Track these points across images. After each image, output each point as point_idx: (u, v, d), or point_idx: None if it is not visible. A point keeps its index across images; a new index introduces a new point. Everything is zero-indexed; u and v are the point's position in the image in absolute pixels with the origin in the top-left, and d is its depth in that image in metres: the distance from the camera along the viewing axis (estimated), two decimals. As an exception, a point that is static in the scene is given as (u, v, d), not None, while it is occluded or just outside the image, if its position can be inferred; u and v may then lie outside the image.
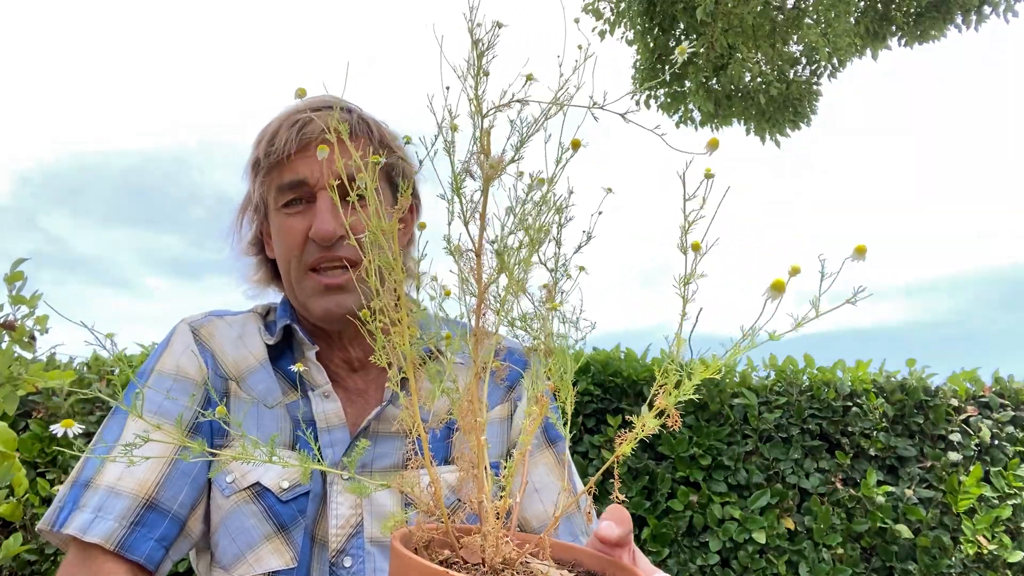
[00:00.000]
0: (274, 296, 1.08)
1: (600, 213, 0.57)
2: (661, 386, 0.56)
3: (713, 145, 0.52)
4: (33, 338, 1.48)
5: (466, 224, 0.55)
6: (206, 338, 0.97)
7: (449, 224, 0.56)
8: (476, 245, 0.56)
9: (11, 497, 1.82)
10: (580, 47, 0.52)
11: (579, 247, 0.58)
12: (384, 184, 0.97)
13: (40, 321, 1.49)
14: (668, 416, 0.55)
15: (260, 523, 0.87)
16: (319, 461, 0.88)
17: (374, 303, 0.58)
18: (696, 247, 0.53)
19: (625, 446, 0.56)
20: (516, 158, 0.55)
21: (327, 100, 0.95)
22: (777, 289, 0.51)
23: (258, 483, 0.88)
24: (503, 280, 0.58)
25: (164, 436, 0.86)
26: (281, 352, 0.99)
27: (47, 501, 2.65)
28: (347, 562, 0.88)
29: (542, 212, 0.57)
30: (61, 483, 2.67)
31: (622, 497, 0.57)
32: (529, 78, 0.53)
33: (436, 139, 0.55)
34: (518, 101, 0.53)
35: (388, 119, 1.02)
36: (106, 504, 0.83)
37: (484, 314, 0.57)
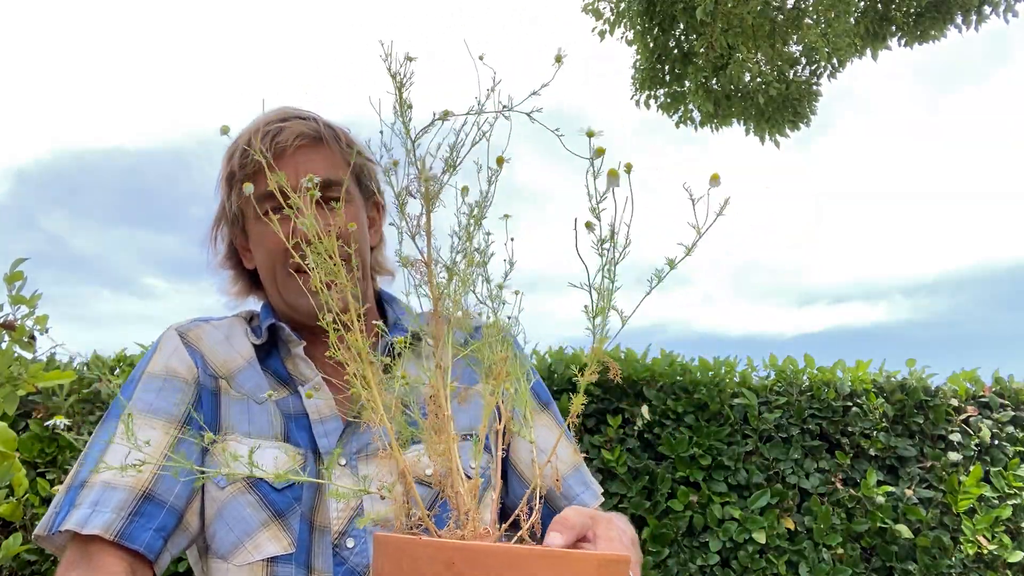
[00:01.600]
0: (253, 305, 1.10)
1: (512, 239, 0.63)
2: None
3: (613, 176, 0.57)
4: (33, 338, 1.48)
5: (412, 238, 0.62)
6: (194, 340, 0.99)
7: (400, 241, 0.63)
8: (426, 257, 0.62)
9: (11, 497, 1.82)
10: (493, 78, 0.59)
11: (506, 275, 0.64)
12: (355, 187, 1.01)
13: (40, 321, 1.49)
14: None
15: (256, 511, 0.89)
16: (316, 451, 0.91)
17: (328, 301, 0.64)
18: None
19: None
20: (449, 175, 0.62)
21: (291, 111, 0.99)
22: (612, 176, 0.57)
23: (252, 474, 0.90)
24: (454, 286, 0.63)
25: (158, 429, 0.89)
26: (268, 352, 1.01)
27: (47, 501, 2.65)
28: (350, 543, 0.90)
29: (477, 232, 0.64)
30: (61, 483, 2.67)
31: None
32: (445, 115, 0.60)
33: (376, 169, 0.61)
34: (440, 119, 0.60)
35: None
36: (103, 498, 0.84)
37: (440, 319, 0.62)
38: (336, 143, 0.99)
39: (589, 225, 0.60)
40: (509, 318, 0.68)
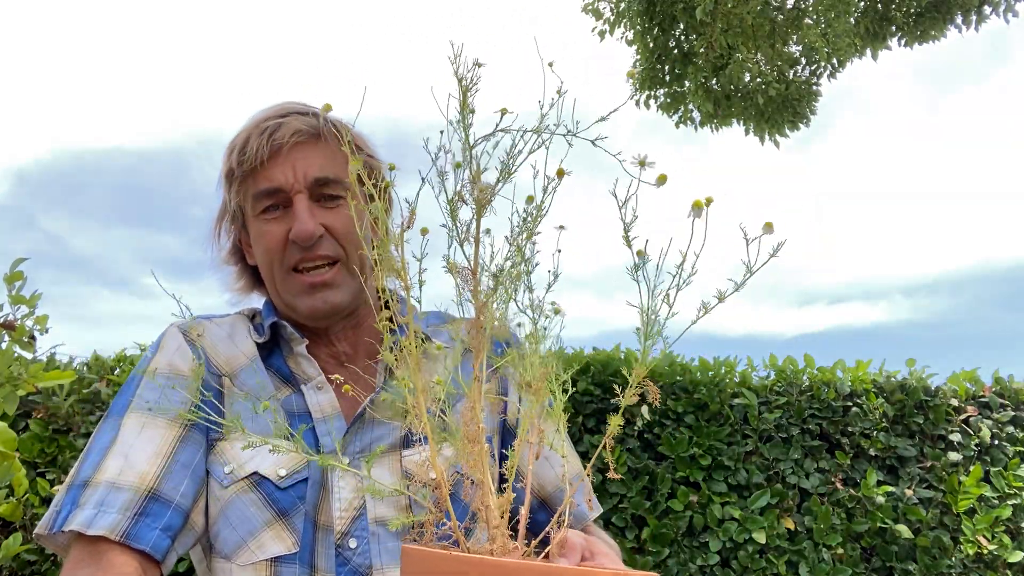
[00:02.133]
0: (257, 301, 1.09)
1: (559, 251, 0.63)
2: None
3: (697, 207, 0.56)
4: (33, 338, 1.48)
5: (461, 245, 0.61)
6: (197, 338, 0.99)
7: (449, 247, 0.62)
8: (472, 264, 0.61)
9: (11, 497, 1.82)
10: (558, 91, 0.58)
11: (549, 286, 0.64)
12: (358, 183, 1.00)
13: (40, 321, 1.49)
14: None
15: (260, 510, 0.88)
16: (319, 450, 0.92)
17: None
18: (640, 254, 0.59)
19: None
20: (502, 184, 0.61)
21: (291, 106, 0.98)
22: (697, 208, 0.56)
23: (256, 472, 0.89)
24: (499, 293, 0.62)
25: (161, 427, 0.88)
26: (270, 351, 1.01)
27: (47, 501, 2.65)
28: (352, 543, 0.89)
29: (528, 241, 0.63)
30: (61, 483, 2.67)
31: (619, 476, 0.60)
32: (503, 112, 0.59)
33: (430, 169, 0.61)
34: (502, 131, 0.59)
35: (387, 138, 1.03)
36: (108, 499, 0.83)
37: (480, 328, 0.62)
38: (335, 139, 0.98)
39: (641, 254, 0.59)
40: (546, 328, 0.67)
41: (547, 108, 0.58)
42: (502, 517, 0.57)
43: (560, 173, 0.60)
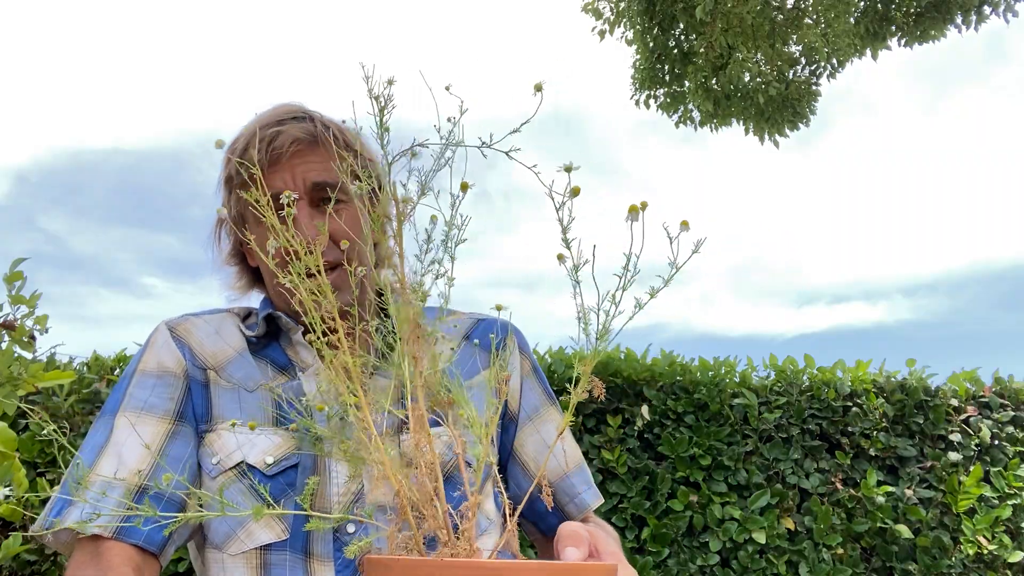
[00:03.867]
0: (255, 300, 1.11)
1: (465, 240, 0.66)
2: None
3: (633, 212, 0.59)
4: (33, 338, 1.48)
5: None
6: (183, 334, 1.00)
7: (376, 265, 0.67)
8: (400, 279, 0.66)
9: (11, 497, 1.82)
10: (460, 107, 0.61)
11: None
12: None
13: (40, 321, 1.49)
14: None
15: (248, 500, 0.89)
16: (317, 435, 0.92)
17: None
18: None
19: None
20: (417, 200, 0.65)
21: (290, 110, 0.99)
22: (633, 212, 0.58)
23: (243, 462, 0.91)
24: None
25: (152, 424, 0.90)
26: (267, 343, 1.02)
27: (47, 501, 2.65)
28: (350, 528, 0.90)
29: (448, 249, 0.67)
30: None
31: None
32: (414, 150, 0.64)
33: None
34: (420, 145, 0.62)
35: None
36: (101, 497, 0.85)
37: (417, 342, 0.65)
38: (335, 143, 0.98)
39: (561, 257, 0.62)
40: (501, 310, 0.70)
41: (459, 118, 0.62)
42: (471, 519, 0.57)
43: (464, 187, 0.63)
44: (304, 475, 0.91)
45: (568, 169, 0.60)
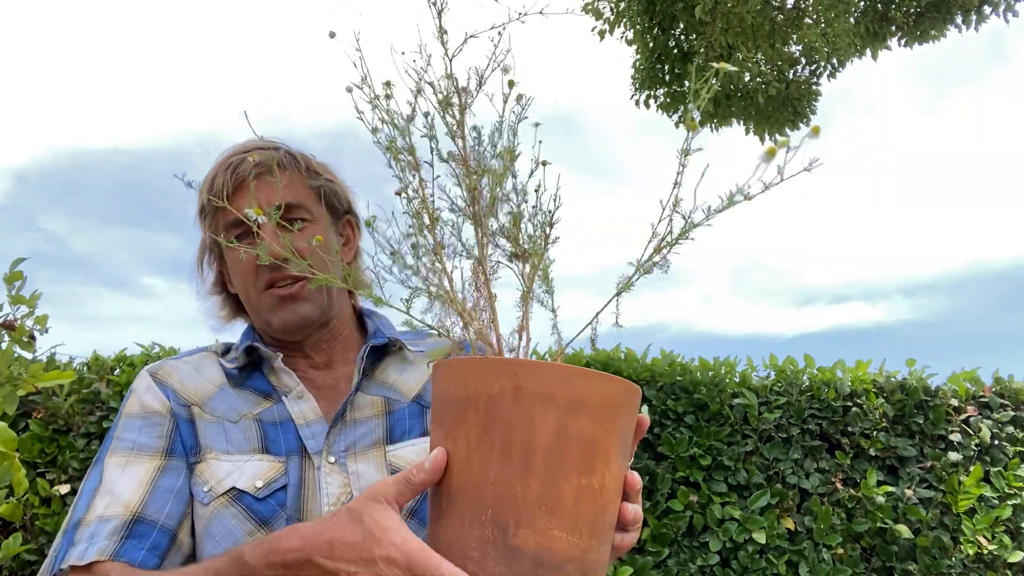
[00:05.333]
0: (239, 329, 1.16)
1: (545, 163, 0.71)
2: None
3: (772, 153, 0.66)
4: (33, 338, 1.48)
5: (453, 139, 0.73)
6: (163, 377, 1.05)
7: (433, 147, 0.73)
8: (463, 153, 0.73)
9: (11, 497, 1.82)
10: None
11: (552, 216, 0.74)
12: (320, 208, 1.08)
13: (40, 321, 1.49)
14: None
15: (241, 522, 0.93)
16: (303, 451, 0.98)
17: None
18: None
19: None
20: (478, 91, 0.74)
21: (257, 142, 1.07)
22: (770, 154, 0.65)
23: (233, 488, 0.95)
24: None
25: (144, 462, 0.95)
26: (249, 373, 1.07)
27: (47, 501, 2.65)
28: None
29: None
30: (61, 483, 2.67)
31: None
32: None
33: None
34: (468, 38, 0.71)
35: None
36: (97, 530, 0.89)
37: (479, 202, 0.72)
38: (295, 168, 1.06)
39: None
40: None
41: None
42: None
43: (511, 84, 0.72)
44: (294, 494, 0.95)
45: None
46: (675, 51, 6.30)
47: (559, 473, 0.60)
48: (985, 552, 2.83)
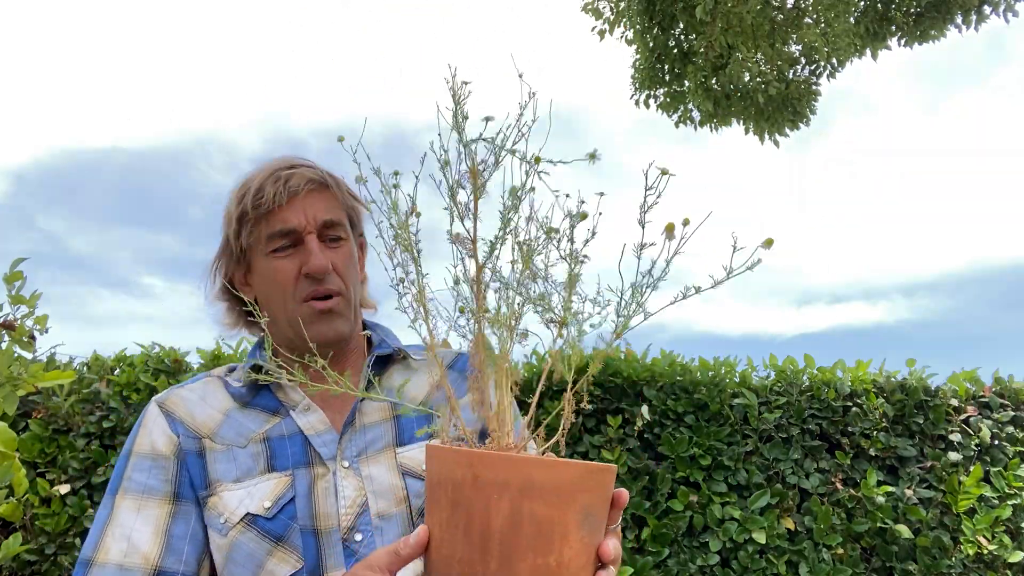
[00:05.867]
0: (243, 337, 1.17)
1: (600, 214, 0.73)
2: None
3: (670, 230, 0.70)
4: (33, 338, 1.48)
5: (462, 220, 0.75)
6: (172, 408, 1.07)
7: (451, 223, 0.75)
8: (472, 235, 0.75)
9: (11, 497, 1.82)
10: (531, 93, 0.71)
11: (586, 241, 0.75)
12: (348, 228, 1.14)
13: (40, 321, 1.49)
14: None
15: (259, 544, 0.96)
16: (311, 461, 1.01)
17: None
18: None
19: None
20: (492, 169, 0.74)
21: (296, 159, 1.11)
22: (669, 231, 0.69)
23: (247, 513, 0.98)
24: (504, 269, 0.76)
25: (155, 507, 0.99)
26: (257, 392, 1.09)
27: (47, 501, 2.65)
28: (358, 537, 0.98)
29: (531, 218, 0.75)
30: (61, 483, 2.67)
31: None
32: (487, 119, 0.73)
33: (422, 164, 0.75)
34: (484, 140, 0.73)
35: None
36: None
37: (485, 297, 0.76)
38: (337, 188, 1.11)
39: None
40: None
41: (524, 106, 0.71)
42: (502, 425, 0.73)
43: (537, 160, 0.73)
44: (303, 503, 0.98)
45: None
46: (675, 51, 6.30)
47: (515, 553, 0.64)
48: (985, 552, 2.83)
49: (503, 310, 0.75)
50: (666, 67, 6.44)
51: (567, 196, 0.72)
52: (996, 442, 3.02)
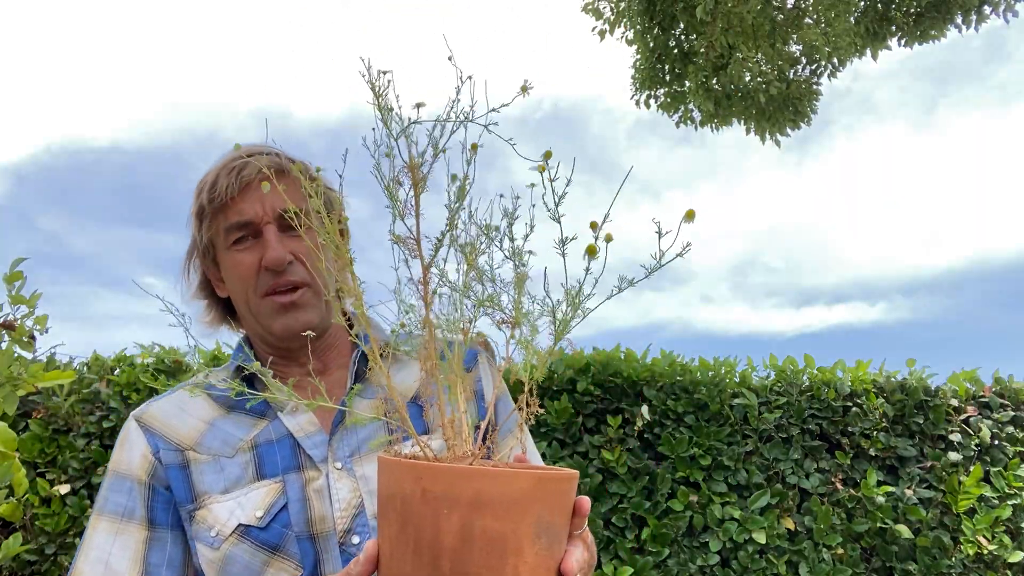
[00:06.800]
0: (227, 334, 1.17)
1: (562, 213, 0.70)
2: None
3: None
4: (33, 338, 1.48)
5: (403, 219, 0.71)
6: (149, 422, 1.03)
7: (393, 222, 0.72)
8: (416, 233, 0.71)
9: (11, 497, 1.82)
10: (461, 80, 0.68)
11: (526, 236, 0.73)
12: (317, 215, 1.07)
13: (40, 321, 1.49)
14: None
15: (254, 556, 0.94)
16: (300, 465, 0.98)
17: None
18: (591, 251, 0.69)
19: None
20: (432, 160, 0.71)
21: (257, 147, 1.06)
22: (591, 252, 0.68)
23: (240, 524, 0.95)
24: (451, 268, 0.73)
25: (133, 532, 0.97)
26: (241, 393, 1.06)
27: (47, 501, 2.65)
28: (355, 539, 0.95)
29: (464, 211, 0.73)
30: (61, 483, 2.67)
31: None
32: (419, 104, 0.70)
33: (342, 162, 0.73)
34: (415, 122, 0.70)
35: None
36: None
37: (431, 293, 0.73)
38: (299, 175, 1.07)
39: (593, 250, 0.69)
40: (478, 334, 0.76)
41: (456, 94, 0.69)
42: (457, 434, 0.70)
43: (473, 147, 0.70)
44: (297, 509, 0.95)
45: (547, 155, 0.67)
46: (675, 51, 6.30)
47: (467, 571, 0.62)
48: (985, 552, 2.82)
49: (455, 314, 0.72)
50: (666, 67, 6.44)
51: (531, 186, 0.69)
52: (996, 442, 3.01)
